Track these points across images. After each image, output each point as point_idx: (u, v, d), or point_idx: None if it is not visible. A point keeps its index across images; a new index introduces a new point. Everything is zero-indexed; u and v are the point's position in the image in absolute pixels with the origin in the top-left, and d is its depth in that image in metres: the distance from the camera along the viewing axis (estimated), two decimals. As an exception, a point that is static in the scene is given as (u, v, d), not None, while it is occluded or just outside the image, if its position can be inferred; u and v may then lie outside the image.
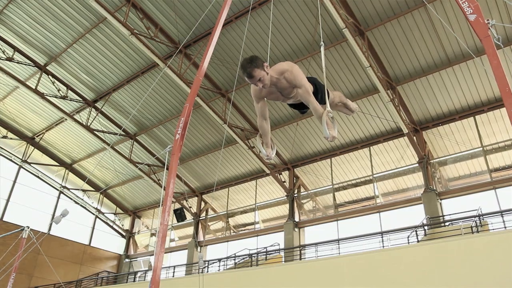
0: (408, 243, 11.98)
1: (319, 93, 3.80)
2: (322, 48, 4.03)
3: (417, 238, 12.09)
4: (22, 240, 9.67)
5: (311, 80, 3.80)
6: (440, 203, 14.42)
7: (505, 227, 11.09)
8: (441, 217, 13.73)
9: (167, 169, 4.06)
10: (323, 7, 12.53)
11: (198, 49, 15.29)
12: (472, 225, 10.90)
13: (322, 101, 3.73)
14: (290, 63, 3.64)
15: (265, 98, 3.82)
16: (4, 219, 20.78)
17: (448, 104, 14.70)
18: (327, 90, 3.72)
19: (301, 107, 3.91)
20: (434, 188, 14.58)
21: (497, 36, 2.58)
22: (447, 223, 12.87)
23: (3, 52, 17.32)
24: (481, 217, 11.44)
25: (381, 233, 13.82)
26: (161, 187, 21.04)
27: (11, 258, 14.51)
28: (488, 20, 2.58)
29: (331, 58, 14.52)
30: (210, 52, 4.74)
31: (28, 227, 9.94)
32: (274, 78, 3.55)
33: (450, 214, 13.43)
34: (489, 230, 11.46)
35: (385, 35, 13.50)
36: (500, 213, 11.70)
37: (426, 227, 12.76)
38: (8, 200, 21.33)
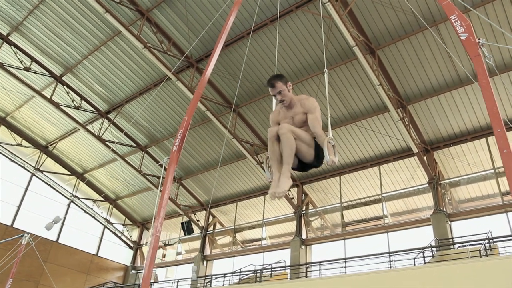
0: (414, 264, 11.74)
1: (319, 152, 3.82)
2: (325, 75, 4.34)
3: (424, 260, 11.85)
4: (21, 246, 9.75)
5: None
6: (450, 225, 14.14)
7: (515, 252, 10.82)
8: (450, 239, 13.46)
9: (162, 178, 4.08)
10: (334, 25, 12.62)
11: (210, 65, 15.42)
12: (481, 249, 10.65)
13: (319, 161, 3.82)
14: (311, 97, 3.99)
15: (280, 124, 3.95)
16: (14, 225, 21.00)
17: (460, 124, 14.53)
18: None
19: (304, 167, 3.95)
20: (444, 210, 14.33)
21: (488, 55, 2.56)
22: (456, 246, 12.61)
23: (21, 62, 17.76)
24: (490, 240, 11.17)
25: (389, 254, 13.59)
26: (170, 199, 21.09)
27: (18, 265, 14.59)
28: (479, 39, 2.57)
29: (341, 76, 14.53)
30: (211, 65, 4.81)
31: (28, 233, 10.03)
32: (293, 101, 3.92)
33: (458, 237, 13.16)
34: (499, 254, 11.19)
35: (396, 54, 13.49)
36: (511, 237, 11.42)
37: (434, 249, 12.51)
38: (19, 207, 21.59)
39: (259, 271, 15.51)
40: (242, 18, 13.94)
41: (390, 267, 13.06)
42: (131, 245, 25.47)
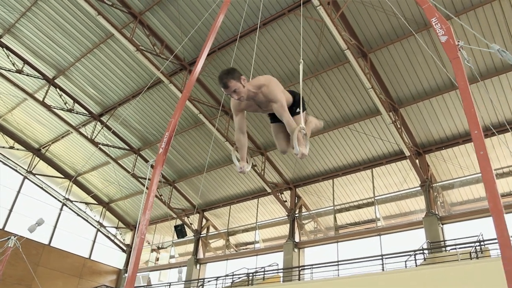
0: (406, 267, 11.79)
1: (296, 106, 3.83)
2: (301, 66, 4.07)
3: (415, 262, 11.89)
4: (8, 249, 9.71)
5: (291, 92, 3.85)
6: (442, 228, 14.19)
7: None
8: (442, 242, 13.50)
9: (149, 180, 4.07)
10: (326, 28, 12.66)
11: (202, 67, 15.44)
12: (472, 251, 10.70)
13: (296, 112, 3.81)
14: (268, 77, 3.69)
15: (245, 111, 3.90)
16: (6, 229, 20.82)
17: (452, 127, 14.61)
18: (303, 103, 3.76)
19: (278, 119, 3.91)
20: (436, 212, 14.39)
21: (467, 58, 2.58)
22: (448, 248, 12.66)
23: (13, 64, 17.68)
24: (481, 243, 11.23)
25: (381, 257, 13.62)
26: (163, 202, 21.03)
27: (9, 269, 14.46)
28: (458, 41, 2.59)
29: (334, 79, 14.59)
30: (200, 64, 4.79)
31: (15, 236, 9.98)
32: (252, 92, 3.62)
33: (450, 240, 13.21)
34: (490, 256, 11.23)
35: (388, 58, 13.55)
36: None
37: (426, 252, 12.55)
38: (11, 211, 21.44)
39: (251, 274, 15.49)
40: (235, 21, 13.96)
41: (383, 269, 13.09)
42: (124, 248, 25.33)
